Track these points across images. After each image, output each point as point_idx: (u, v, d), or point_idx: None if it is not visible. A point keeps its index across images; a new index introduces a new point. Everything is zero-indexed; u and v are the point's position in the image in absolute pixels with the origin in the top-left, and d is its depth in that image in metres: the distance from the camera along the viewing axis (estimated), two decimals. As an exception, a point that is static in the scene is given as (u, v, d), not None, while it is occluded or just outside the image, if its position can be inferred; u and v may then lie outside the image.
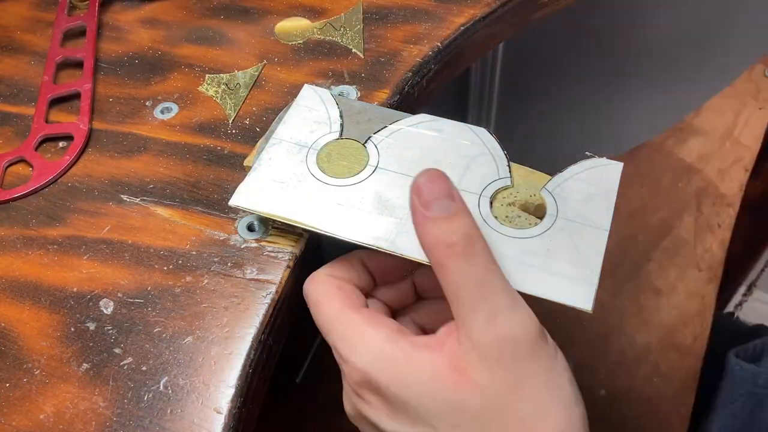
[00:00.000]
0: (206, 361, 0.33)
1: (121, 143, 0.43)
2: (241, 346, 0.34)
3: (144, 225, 0.39)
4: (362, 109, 0.38)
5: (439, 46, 0.46)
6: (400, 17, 0.49)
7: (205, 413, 0.32)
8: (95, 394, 0.33)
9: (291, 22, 0.50)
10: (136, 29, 0.51)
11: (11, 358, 0.35)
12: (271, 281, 0.36)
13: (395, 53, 0.46)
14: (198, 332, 0.34)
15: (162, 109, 0.45)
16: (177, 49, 0.49)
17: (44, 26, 0.51)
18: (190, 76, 0.47)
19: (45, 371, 0.34)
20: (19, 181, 0.42)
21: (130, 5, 0.53)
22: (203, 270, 0.37)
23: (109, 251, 0.38)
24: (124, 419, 0.32)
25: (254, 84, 0.46)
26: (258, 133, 0.43)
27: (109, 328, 0.35)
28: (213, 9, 0.52)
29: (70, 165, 0.42)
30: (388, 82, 0.44)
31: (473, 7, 0.49)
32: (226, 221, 0.38)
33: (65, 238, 0.39)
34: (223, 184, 0.40)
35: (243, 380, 0.33)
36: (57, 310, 0.36)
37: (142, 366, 0.34)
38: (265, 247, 0.37)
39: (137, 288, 0.36)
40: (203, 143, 0.43)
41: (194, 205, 0.39)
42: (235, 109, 0.44)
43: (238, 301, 0.35)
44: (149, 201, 0.40)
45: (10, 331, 0.36)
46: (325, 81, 0.45)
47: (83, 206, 0.40)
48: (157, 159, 0.42)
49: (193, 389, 0.33)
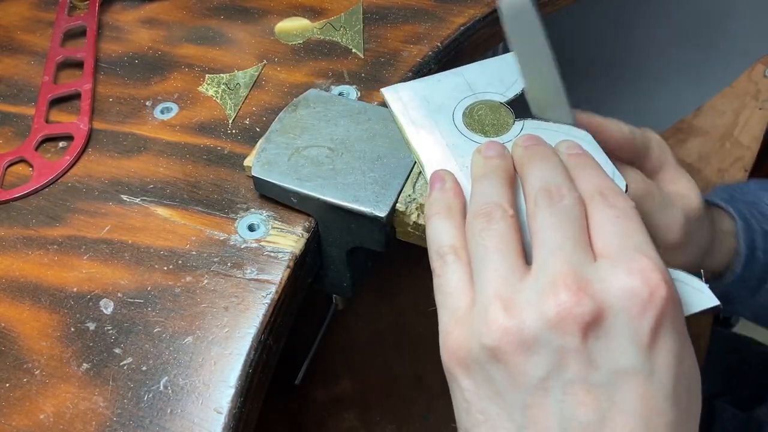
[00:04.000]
0: (206, 361, 0.33)
1: (121, 143, 0.43)
2: (241, 346, 0.34)
3: (144, 225, 0.39)
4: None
5: (439, 46, 0.46)
6: (400, 17, 0.49)
7: (205, 413, 0.32)
8: (95, 394, 0.33)
9: (291, 22, 0.50)
10: (136, 29, 0.51)
11: (11, 358, 0.35)
12: (271, 281, 0.36)
13: (395, 53, 0.46)
14: (198, 332, 0.34)
15: (162, 109, 0.45)
16: (177, 49, 0.49)
17: (44, 26, 0.51)
18: (190, 76, 0.47)
19: (45, 371, 0.34)
20: (20, 181, 0.42)
21: (130, 5, 0.53)
22: (203, 270, 0.37)
23: (109, 251, 0.38)
24: (124, 419, 0.32)
25: (254, 84, 0.46)
26: (258, 133, 0.43)
27: (109, 328, 0.35)
28: (213, 9, 0.52)
29: (70, 165, 0.42)
30: (388, 82, 0.44)
31: (473, 7, 0.49)
32: (226, 221, 0.38)
33: (65, 238, 0.39)
34: (223, 184, 0.40)
35: (243, 380, 0.33)
36: (57, 310, 0.36)
37: (142, 366, 0.34)
38: (265, 247, 0.37)
39: (137, 288, 0.36)
40: (203, 143, 0.43)
41: (194, 205, 0.39)
42: (235, 109, 0.44)
43: (238, 301, 0.35)
44: (149, 201, 0.40)
45: (10, 331, 0.36)
46: (325, 81, 0.45)
47: (83, 206, 0.40)
48: (157, 159, 0.42)
49: (193, 389, 0.33)
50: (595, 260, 0.28)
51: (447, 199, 0.33)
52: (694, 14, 0.91)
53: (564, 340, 0.25)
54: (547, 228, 0.28)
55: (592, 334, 0.25)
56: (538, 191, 0.30)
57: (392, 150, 0.38)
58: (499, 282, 0.28)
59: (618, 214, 0.29)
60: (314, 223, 0.38)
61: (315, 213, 0.38)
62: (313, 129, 0.39)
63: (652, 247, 0.28)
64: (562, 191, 0.30)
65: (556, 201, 0.29)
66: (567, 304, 0.25)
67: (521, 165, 0.33)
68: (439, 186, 0.33)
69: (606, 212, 0.29)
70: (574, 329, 0.25)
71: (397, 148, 0.38)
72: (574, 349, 0.25)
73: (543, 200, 0.29)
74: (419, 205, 0.35)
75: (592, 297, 0.26)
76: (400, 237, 0.37)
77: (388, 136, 0.38)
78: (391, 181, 0.36)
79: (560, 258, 0.27)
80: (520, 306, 0.26)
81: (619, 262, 0.27)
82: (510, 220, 0.30)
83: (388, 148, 0.38)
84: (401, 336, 0.60)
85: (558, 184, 0.30)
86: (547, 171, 0.31)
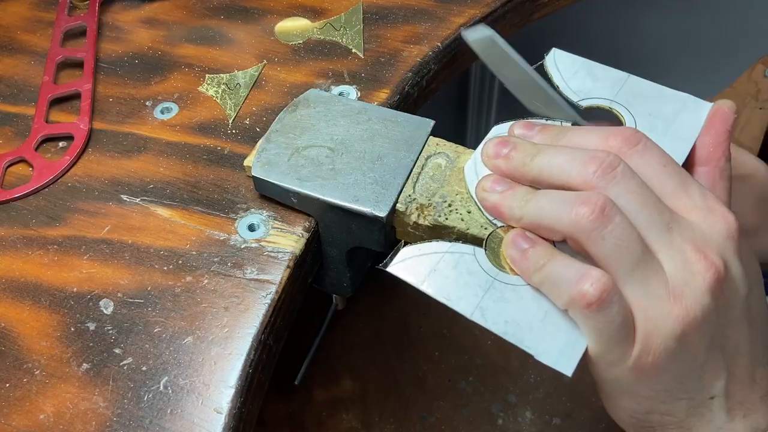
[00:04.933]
0: (206, 361, 0.33)
1: (121, 143, 0.43)
2: (241, 346, 0.34)
3: (144, 225, 0.39)
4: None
5: (439, 46, 0.46)
6: (400, 17, 0.49)
7: (205, 413, 0.32)
8: (95, 394, 0.33)
9: (291, 22, 0.50)
10: (137, 29, 0.51)
11: (11, 358, 0.35)
12: (271, 281, 0.36)
13: (395, 53, 0.46)
14: (198, 332, 0.34)
15: (162, 109, 0.45)
16: (177, 49, 0.49)
17: (44, 26, 0.51)
18: (190, 76, 0.47)
19: (45, 371, 0.34)
20: (20, 181, 0.42)
21: (130, 5, 0.53)
22: (203, 270, 0.37)
23: (109, 251, 0.38)
24: (124, 419, 0.32)
25: (254, 84, 0.46)
26: (258, 133, 0.43)
27: (109, 328, 0.35)
28: (213, 9, 0.52)
29: (71, 165, 0.42)
30: (388, 82, 0.44)
31: (473, 7, 0.49)
32: (226, 221, 0.38)
33: (65, 238, 0.39)
34: (223, 184, 0.40)
35: (243, 380, 0.33)
36: (57, 310, 0.36)
37: (142, 366, 0.34)
38: (265, 247, 0.37)
39: (137, 288, 0.36)
40: (203, 143, 0.43)
41: (194, 205, 0.39)
42: (235, 109, 0.44)
43: (238, 301, 0.35)
44: (149, 201, 0.40)
45: (10, 331, 0.36)
46: (325, 81, 0.45)
47: (83, 206, 0.40)
48: (157, 159, 0.42)
49: (193, 389, 0.33)
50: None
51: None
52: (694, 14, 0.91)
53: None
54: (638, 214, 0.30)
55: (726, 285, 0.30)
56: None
57: (392, 150, 0.38)
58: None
59: (664, 163, 0.31)
60: (314, 223, 0.38)
61: (315, 213, 0.38)
62: (313, 129, 0.39)
63: (698, 184, 0.31)
64: (614, 162, 0.30)
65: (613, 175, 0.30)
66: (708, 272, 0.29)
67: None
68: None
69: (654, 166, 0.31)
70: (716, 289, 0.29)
71: (397, 148, 0.38)
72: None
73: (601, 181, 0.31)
74: (419, 205, 0.35)
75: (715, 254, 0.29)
76: (400, 237, 0.37)
77: (388, 136, 0.38)
78: (391, 181, 0.36)
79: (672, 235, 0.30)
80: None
81: (701, 212, 0.30)
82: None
83: (388, 148, 0.38)
84: (401, 336, 0.60)
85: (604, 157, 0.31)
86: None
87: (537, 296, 0.31)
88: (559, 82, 0.38)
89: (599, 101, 0.37)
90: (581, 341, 0.30)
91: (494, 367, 0.57)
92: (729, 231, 0.30)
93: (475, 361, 0.57)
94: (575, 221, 0.29)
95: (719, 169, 0.34)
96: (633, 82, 0.38)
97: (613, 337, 0.28)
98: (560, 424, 0.55)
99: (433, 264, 0.32)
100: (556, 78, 0.38)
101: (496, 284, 0.31)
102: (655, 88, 0.37)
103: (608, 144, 0.31)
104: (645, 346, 0.29)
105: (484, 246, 0.33)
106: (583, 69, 0.38)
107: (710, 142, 0.35)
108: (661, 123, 0.36)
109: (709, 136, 0.35)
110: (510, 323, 0.30)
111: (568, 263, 0.29)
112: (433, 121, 0.39)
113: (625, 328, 0.28)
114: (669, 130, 0.35)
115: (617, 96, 0.37)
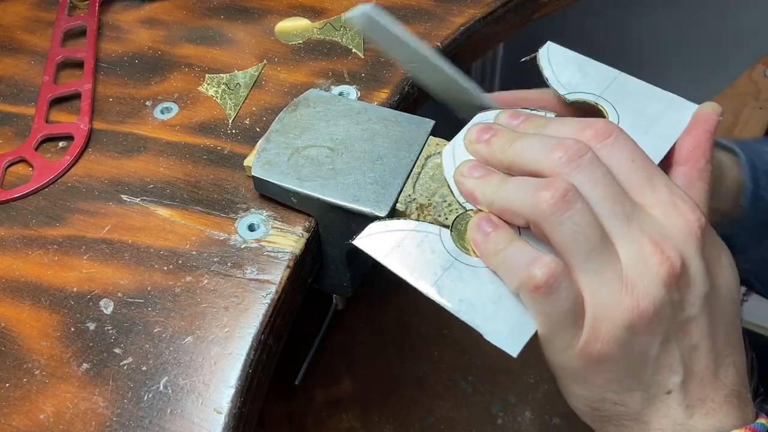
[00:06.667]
0: (206, 361, 0.33)
1: (121, 143, 0.43)
2: (241, 346, 0.34)
3: (144, 225, 0.39)
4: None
5: (439, 46, 0.46)
6: (400, 17, 0.49)
7: (205, 413, 0.32)
8: (95, 394, 0.33)
9: (291, 22, 0.50)
10: (137, 29, 0.51)
11: (11, 358, 0.35)
12: (271, 281, 0.36)
13: (395, 53, 0.46)
14: (198, 332, 0.34)
15: (162, 109, 0.45)
16: (177, 49, 0.49)
17: (44, 26, 0.51)
18: (190, 76, 0.47)
19: (45, 371, 0.34)
20: (20, 181, 0.42)
21: (130, 5, 0.53)
22: (203, 270, 0.37)
23: (109, 251, 0.38)
24: (124, 419, 0.32)
25: (254, 84, 0.46)
26: (258, 133, 0.43)
27: (109, 328, 0.35)
28: (213, 9, 0.52)
29: (71, 165, 0.42)
30: (388, 82, 0.44)
31: (473, 7, 0.49)
32: (226, 221, 0.38)
33: (65, 238, 0.39)
34: (223, 184, 0.40)
35: (243, 380, 0.33)
36: (57, 310, 0.36)
37: (142, 366, 0.34)
38: (265, 247, 0.37)
39: (137, 288, 0.36)
40: (203, 143, 0.43)
41: (194, 205, 0.39)
42: (235, 109, 0.44)
43: (238, 301, 0.35)
44: (149, 201, 0.40)
45: (10, 331, 0.36)
46: (325, 81, 0.45)
47: (83, 206, 0.40)
48: (157, 159, 0.42)
49: (193, 389, 0.33)
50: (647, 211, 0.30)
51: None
52: (694, 14, 0.91)
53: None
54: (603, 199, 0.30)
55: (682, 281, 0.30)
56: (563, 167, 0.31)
57: (392, 150, 0.38)
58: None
59: (633, 158, 0.31)
60: (314, 223, 0.38)
61: (315, 213, 0.38)
62: (313, 129, 0.39)
63: (667, 181, 0.31)
64: (581, 151, 0.30)
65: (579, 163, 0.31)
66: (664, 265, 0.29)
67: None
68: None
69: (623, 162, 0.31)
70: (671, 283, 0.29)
71: (397, 147, 0.38)
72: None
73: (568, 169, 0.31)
74: (419, 205, 0.35)
75: (673, 250, 0.29)
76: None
77: (388, 136, 0.38)
78: (391, 181, 0.36)
79: (632, 226, 0.30)
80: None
81: (664, 207, 0.30)
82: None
83: (388, 148, 0.38)
84: (401, 336, 0.60)
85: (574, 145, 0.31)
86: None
87: (494, 279, 0.31)
88: (548, 74, 0.38)
89: (586, 96, 0.37)
90: (531, 325, 0.30)
91: (494, 367, 0.58)
92: (690, 228, 0.30)
93: (475, 361, 0.58)
94: (535, 205, 0.29)
95: (697, 170, 0.34)
96: (623, 80, 0.38)
97: (561, 321, 0.29)
98: (560, 424, 0.55)
99: (398, 240, 0.32)
100: (546, 71, 0.38)
101: (457, 264, 0.32)
102: (643, 87, 0.38)
103: (582, 135, 0.31)
104: (593, 333, 0.29)
105: (451, 227, 0.33)
106: (574, 64, 0.39)
107: (691, 142, 0.35)
108: (645, 121, 0.36)
109: (691, 136, 0.35)
110: (464, 302, 0.31)
111: (524, 248, 0.30)
112: (433, 121, 0.39)
113: (573, 314, 0.29)
114: (651, 129, 0.36)
115: (605, 92, 0.37)
